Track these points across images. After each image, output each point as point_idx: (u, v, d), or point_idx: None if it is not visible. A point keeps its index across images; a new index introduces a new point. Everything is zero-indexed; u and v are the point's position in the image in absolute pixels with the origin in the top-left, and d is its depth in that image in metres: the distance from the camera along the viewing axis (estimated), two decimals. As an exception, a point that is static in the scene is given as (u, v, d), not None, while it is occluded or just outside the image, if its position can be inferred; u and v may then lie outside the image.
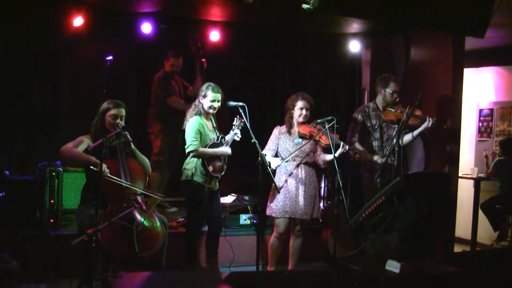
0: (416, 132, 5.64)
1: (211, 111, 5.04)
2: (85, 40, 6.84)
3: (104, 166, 4.40)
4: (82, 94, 6.89)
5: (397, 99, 5.71)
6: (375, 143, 5.73)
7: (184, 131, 5.04)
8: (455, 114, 6.43)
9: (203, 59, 6.70)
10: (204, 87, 5.06)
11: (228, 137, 5.07)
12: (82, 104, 6.78)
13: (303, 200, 5.18)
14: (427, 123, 5.44)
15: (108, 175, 4.41)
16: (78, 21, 6.51)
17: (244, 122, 4.90)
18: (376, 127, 5.72)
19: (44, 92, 6.71)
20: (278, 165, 5.16)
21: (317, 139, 5.24)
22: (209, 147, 4.97)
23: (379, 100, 5.79)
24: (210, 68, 6.86)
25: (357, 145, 5.69)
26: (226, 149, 5.02)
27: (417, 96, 5.40)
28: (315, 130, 5.26)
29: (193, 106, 5.08)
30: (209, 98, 4.99)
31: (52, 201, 5.60)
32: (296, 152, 5.20)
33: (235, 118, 5.06)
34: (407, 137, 5.67)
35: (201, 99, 5.02)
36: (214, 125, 5.19)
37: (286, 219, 5.21)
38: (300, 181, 5.21)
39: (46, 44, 6.63)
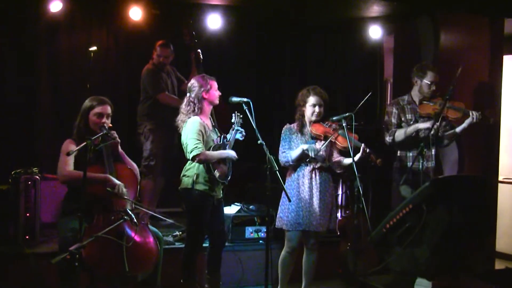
0: (459, 129, 5.58)
1: (217, 102, 5.15)
2: (65, 28, 6.87)
3: (122, 186, 4.47)
4: (63, 90, 6.92)
5: (436, 92, 5.70)
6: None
7: (179, 134, 5.07)
8: (493, 107, 6.41)
9: (198, 50, 6.71)
10: (201, 80, 5.10)
11: (229, 137, 5.14)
12: (62, 102, 6.81)
13: (318, 209, 5.17)
14: (471, 118, 5.39)
15: (127, 196, 4.48)
16: (56, 6, 6.49)
17: (242, 118, 5.02)
18: (411, 122, 5.72)
19: (19, 88, 6.72)
20: (319, 152, 5.12)
21: (332, 140, 5.23)
22: (212, 150, 5.00)
23: (414, 92, 5.80)
24: (209, 60, 6.87)
25: (401, 130, 5.71)
26: (231, 152, 5.09)
27: (447, 89, 5.39)
28: (331, 130, 5.24)
29: (188, 105, 5.09)
30: (214, 88, 5.10)
31: (28, 214, 5.61)
32: (323, 148, 5.18)
33: (233, 115, 5.15)
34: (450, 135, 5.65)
35: (204, 94, 5.05)
36: (213, 123, 5.24)
37: (299, 232, 5.21)
38: (315, 188, 5.21)
39: (21, 34, 6.65)
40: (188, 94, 5.12)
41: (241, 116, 5.06)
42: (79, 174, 4.38)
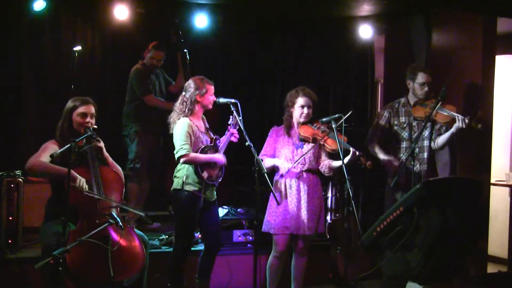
0: (445, 136, 5.58)
1: (210, 107, 5.14)
2: (49, 27, 6.84)
3: (83, 180, 4.43)
4: (47, 91, 6.89)
5: (429, 93, 5.71)
6: (403, 144, 5.73)
7: (170, 135, 5.08)
8: (486, 109, 6.45)
9: (185, 50, 6.71)
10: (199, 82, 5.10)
11: (223, 139, 5.16)
12: (47, 103, 6.77)
13: (305, 213, 5.18)
14: (458, 123, 5.39)
15: (87, 190, 4.43)
16: (39, 4, 6.47)
17: (241, 120, 4.99)
18: (405, 125, 5.73)
19: (2, 89, 6.69)
20: (289, 170, 5.14)
21: (321, 143, 5.24)
22: (201, 151, 5.01)
23: (410, 95, 5.82)
24: (197, 60, 6.87)
25: (377, 148, 5.72)
26: (220, 157, 5.08)
27: (440, 90, 5.41)
28: (319, 132, 5.25)
29: (181, 105, 5.09)
30: (209, 93, 5.09)
31: (10, 218, 5.58)
32: (303, 156, 5.19)
33: (231, 117, 5.14)
34: (442, 139, 5.66)
35: (199, 97, 5.05)
36: (207, 126, 5.24)
37: (287, 235, 5.22)
38: (302, 191, 5.21)
39: (3, 33, 6.62)
40: (183, 93, 5.13)
41: (240, 118, 5.00)
42: (50, 169, 4.42)
